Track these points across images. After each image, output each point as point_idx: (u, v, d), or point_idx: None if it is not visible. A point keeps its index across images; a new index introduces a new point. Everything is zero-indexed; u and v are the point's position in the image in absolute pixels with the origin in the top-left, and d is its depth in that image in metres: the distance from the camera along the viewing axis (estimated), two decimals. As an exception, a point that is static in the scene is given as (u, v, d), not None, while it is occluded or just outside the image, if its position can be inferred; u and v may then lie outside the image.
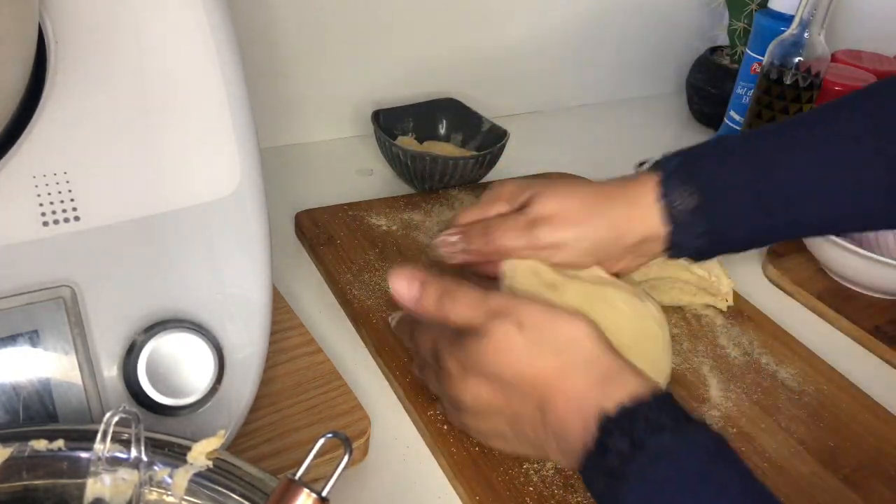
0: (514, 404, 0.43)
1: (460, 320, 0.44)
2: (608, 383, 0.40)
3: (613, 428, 0.37)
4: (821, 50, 0.73)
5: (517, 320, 0.42)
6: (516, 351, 0.41)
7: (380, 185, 0.82)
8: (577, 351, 0.41)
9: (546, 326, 0.42)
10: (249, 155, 0.44)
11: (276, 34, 0.81)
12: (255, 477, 0.35)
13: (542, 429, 0.42)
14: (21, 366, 0.38)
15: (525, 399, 0.42)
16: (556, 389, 0.41)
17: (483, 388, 0.44)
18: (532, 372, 0.41)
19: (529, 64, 1.00)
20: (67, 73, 0.38)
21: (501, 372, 0.42)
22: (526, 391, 0.42)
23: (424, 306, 0.45)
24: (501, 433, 0.45)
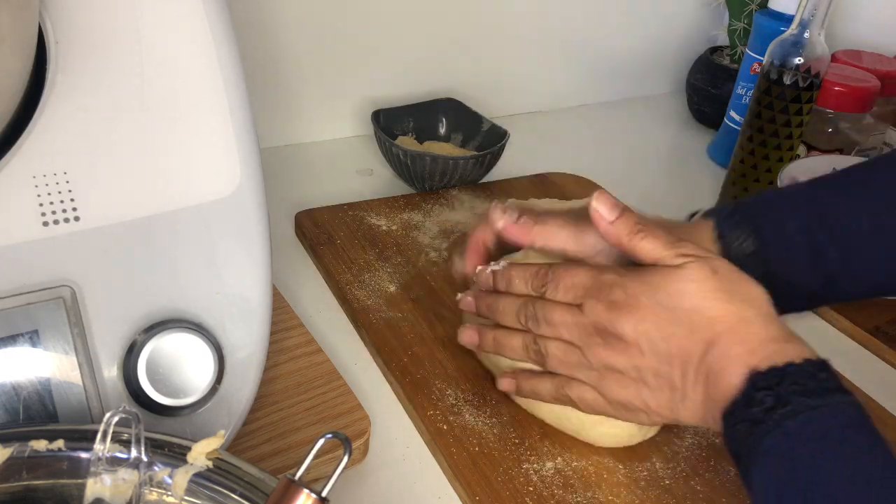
0: (677, 340, 0.43)
1: (651, 253, 0.45)
2: (782, 341, 0.41)
3: (762, 383, 0.39)
4: (821, 50, 0.73)
5: (712, 266, 0.44)
6: (706, 289, 0.43)
7: (380, 185, 0.82)
8: (760, 307, 0.43)
9: (737, 279, 0.44)
10: (249, 155, 0.44)
11: (276, 34, 0.81)
12: (255, 477, 0.35)
13: (693, 370, 0.43)
14: (21, 366, 0.38)
15: (693, 335, 0.43)
16: (735, 332, 0.42)
17: (651, 317, 0.44)
18: (716, 312, 0.42)
19: (529, 64, 1.00)
20: (67, 73, 0.38)
21: (681, 304, 0.43)
22: (699, 328, 0.43)
23: (618, 231, 0.46)
24: (640, 373, 0.45)
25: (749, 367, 0.40)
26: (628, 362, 0.45)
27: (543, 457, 0.51)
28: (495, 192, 0.79)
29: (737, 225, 0.50)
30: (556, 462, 0.51)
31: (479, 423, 0.53)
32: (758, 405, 0.39)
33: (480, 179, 0.81)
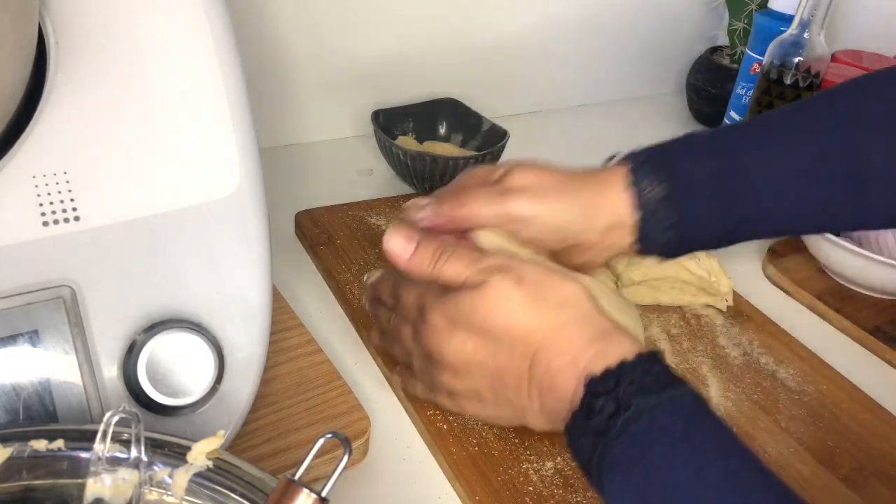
0: (501, 359, 0.43)
1: (455, 277, 0.44)
2: (601, 341, 0.41)
3: (600, 389, 0.39)
4: (821, 50, 0.73)
5: (516, 276, 0.43)
6: (514, 304, 0.42)
7: (380, 185, 0.82)
8: (574, 308, 0.42)
9: (545, 283, 0.43)
10: (249, 155, 0.44)
11: (276, 34, 0.81)
12: (255, 477, 0.35)
13: (526, 386, 0.42)
14: (21, 366, 0.38)
15: (514, 353, 0.42)
16: (551, 343, 0.41)
17: (469, 342, 0.43)
18: (528, 325, 0.42)
19: (529, 64, 1.00)
20: (67, 73, 0.38)
21: (494, 324, 0.42)
22: (517, 345, 0.42)
23: (419, 263, 0.46)
24: (478, 393, 0.45)
25: (580, 374, 0.40)
26: (463, 385, 0.46)
27: (543, 457, 0.51)
28: (495, 192, 0.79)
29: (650, 171, 0.50)
30: (556, 462, 0.51)
31: (479, 423, 0.53)
32: (599, 413, 0.38)
33: (480, 179, 0.80)
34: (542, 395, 0.42)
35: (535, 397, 0.43)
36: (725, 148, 0.51)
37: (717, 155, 0.51)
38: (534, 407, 0.43)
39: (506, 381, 0.43)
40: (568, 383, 0.40)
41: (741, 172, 0.50)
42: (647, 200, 0.50)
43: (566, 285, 0.43)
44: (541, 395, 0.42)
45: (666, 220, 0.50)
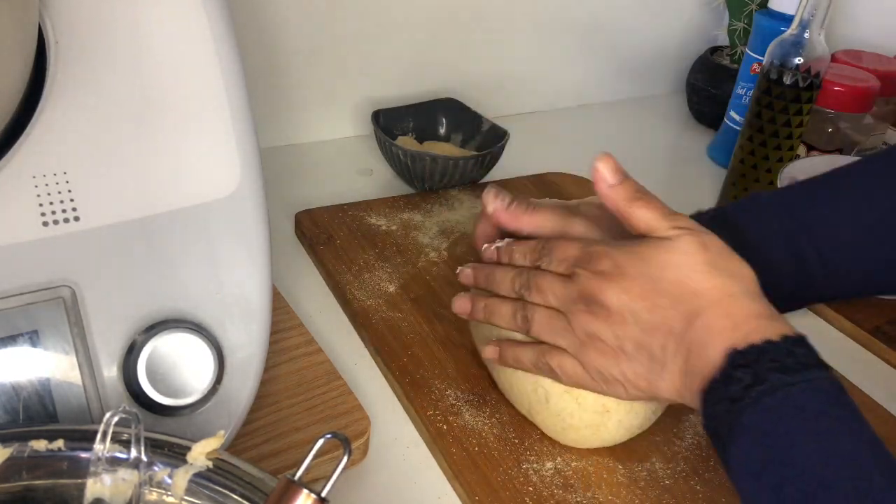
0: (659, 312, 0.44)
1: (646, 222, 0.45)
2: (762, 318, 0.42)
3: (740, 361, 0.40)
4: (821, 50, 0.73)
5: (703, 240, 0.44)
6: (695, 263, 0.43)
7: (380, 185, 0.82)
8: (745, 284, 0.43)
9: (725, 254, 0.44)
10: (249, 155, 0.44)
11: (276, 34, 0.81)
12: (255, 477, 0.36)
13: (674, 344, 0.43)
14: (21, 366, 0.38)
15: (676, 308, 0.43)
16: (718, 307, 0.42)
17: (636, 287, 0.44)
18: (701, 285, 0.43)
19: (529, 64, 1.00)
20: (67, 73, 0.38)
21: (668, 277, 0.43)
22: (683, 301, 0.43)
23: (616, 196, 0.46)
24: (620, 342, 0.45)
25: (729, 343, 0.41)
26: (610, 330, 0.45)
27: (543, 457, 0.51)
28: (495, 192, 0.79)
29: (715, 228, 0.49)
30: (556, 462, 0.51)
31: (479, 423, 0.53)
32: (736, 383, 0.39)
33: (480, 179, 0.81)
34: (689, 354, 0.43)
35: (680, 356, 0.43)
36: (790, 207, 0.52)
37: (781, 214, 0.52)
38: (676, 364, 0.43)
39: (657, 333, 0.44)
40: (720, 346, 0.41)
41: (806, 232, 0.51)
42: None
43: (743, 264, 0.44)
44: (688, 353, 0.43)
45: None
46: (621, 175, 0.47)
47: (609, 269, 0.45)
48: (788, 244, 0.51)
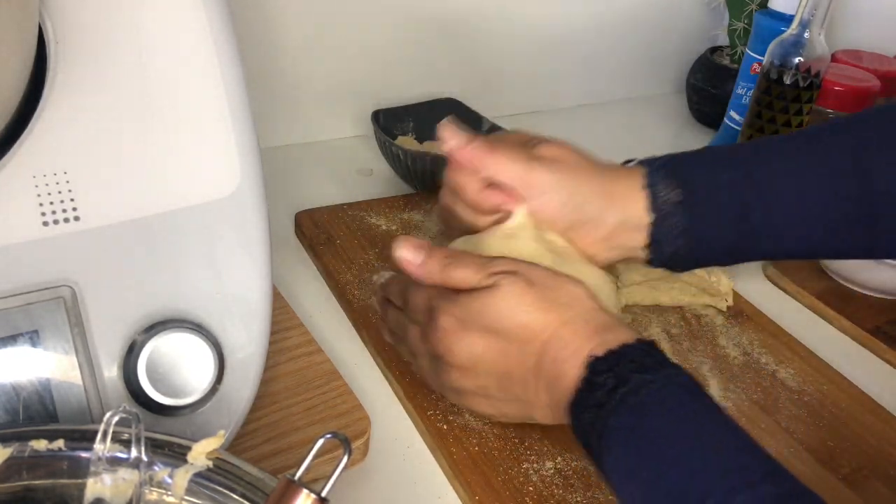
0: (510, 357, 0.45)
1: (465, 281, 0.46)
2: (604, 332, 0.43)
3: (601, 367, 0.41)
4: (821, 50, 0.73)
5: (526, 279, 0.45)
6: (525, 304, 0.44)
7: (380, 185, 0.82)
8: (578, 306, 0.44)
9: (552, 286, 0.45)
10: (249, 155, 0.44)
11: (276, 34, 0.81)
12: (255, 477, 0.35)
13: (534, 381, 0.44)
14: (21, 366, 0.38)
15: (523, 351, 0.44)
16: (559, 338, 0.43)
17: (480, 342, 0.45)
18: (538, 324, 0.44)
19: (529, 64, 1.00)
20: (67, 73, 0.38)
21: (505, 324, 0.44)
22: (527, 342, 0.44)
23: (429, 271, 0.47)
24: (485, 391, 0.47)
25: (587, 354, 0.42)
26: (471, 383, 0.47)
27: (543, 457, 0.51)
28: (495, 192, 0.79)
29: (666, 175, 0.51)
30: (556, 462, 0.51)
31: (479, 423, 0.53)
32: (600, 388, 0.40)
33: (480, 179, 0.80)
34: (549, 387, 0.44)
35: (542, 391, 0.44)
36: (740, 161, 0.52)
37: (731, 167, 0.52)
38: (541, 401, 0.45)
39: (514, 378, 0.45)
40: (573, 371, 0.42)
41: (754, 185, 0.51)
42: (662, 203, 0.51)
43: (571, 287, 0.45)
44: (548, 387, 0.44)
45: (678, 225, 0.51)
46: (423, 250, 0.48)
47: (451, 326, 0.46)
48: (735, 195, 0.51)
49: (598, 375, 0.41)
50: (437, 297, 0.47)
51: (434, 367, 0.48)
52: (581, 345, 0.42)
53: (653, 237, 0.51)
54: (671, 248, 0.52)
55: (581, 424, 0.41)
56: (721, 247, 0.52)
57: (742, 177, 0.51)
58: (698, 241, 0.51)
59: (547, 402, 0.44)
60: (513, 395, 0.46)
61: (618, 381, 0.40)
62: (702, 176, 0.52)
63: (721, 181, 0.51)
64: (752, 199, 0.51)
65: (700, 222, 0.51)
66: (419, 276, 0.48)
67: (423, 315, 0.48)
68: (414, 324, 0.49)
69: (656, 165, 0.52)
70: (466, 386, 0.47)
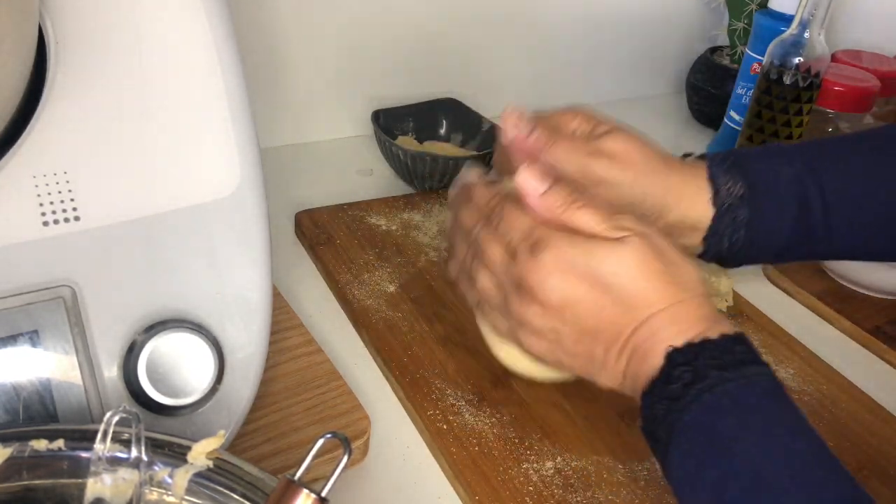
0: (607, 314, 0.42)
1: (588, 226, 0.43)
2: (707, 320, 0.41)
3: (679, 359, 0.40)
4: (821, 50, 0.73)
5: (656, 245, 0.42)
6: (650, 269, 0.41)
7: (380, 185, 0.82)
8: (694, 289, 0.42)
9: (678, 261, 0.43)
10: (249, 155, 0.44)
11: (275, 34, 0.81)
12: (255, 477, 0.35)
13: (619, 347, 0.42)
14: (21, 366, 0.38)
15: (625, 314, 0.42)
16: (666, 315, 0.41)
17: (582, 288, 0.42)
18: (653, 294, 0.41)
19: (529, 64, 1.00)
20: (67, 73, 0.38)
21: (622, 282, 0.41)
22: (634, 307, 0.42)
23: (552, 203, 0.43)
24: (558, 337, 0.44)
25: (670, 345, 0.40)
26: (547, 324, 0.43)
27: (543, 457, 0.51)
28: (495, 192, 0.79)
29: (728, 170, 0.51)
30: (556, 462, 0.51)
31: (479, 423, 0.53)
32: (676, 381, 0.39)
33: (480, 179, 0.80)
34: (633, 358, 0.42)
35: (624, 358, 0.42)
36: (803, 159, 0.52)
37: (795, 163, 0.52)
38: (618, 366, 0.43)
39: (600, 337, 0.42)
40: (661, 348, 0.41)
41: (817, 183, 0.51)
42: (725, 196, 0.51)
43: (693, 270, 0.43)
44: (632, 357, 0.42)
45: (740, 218, 0.50)
46: (550, 178, 0.44)
47: (556, 263, 0.42)
48: (796, 191, 0.51)
49: (675, 368, 0.39)
50: (547, 230, 0.43)
51: (510, 294, 0.44)
52: (684, 326, 0.41)
53: (711, 230, 0.51)
54: (729, 241, 0.51)
55: (651, 415, 0.40)
56: (779, 242, 0.52)
57: (804, 172, 0.51)
58: (758, 233, 0.51)
59: (623, 370, 0.42)
60: (586, 352, 0.43)
61: (695, 377, 0.39)
62: (764, 171, 0.51)
63: (785, 177, 0.51)
64: (812, 196, 0.51)
65: (763, 214, 0.50)
66: (538, 207, 0.43)
67: (519, 238, 0.44)
68: (497, 243, 0.45)
69: (718, 159, 0.52)
70: (541, 325, 0.43)
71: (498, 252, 0.45)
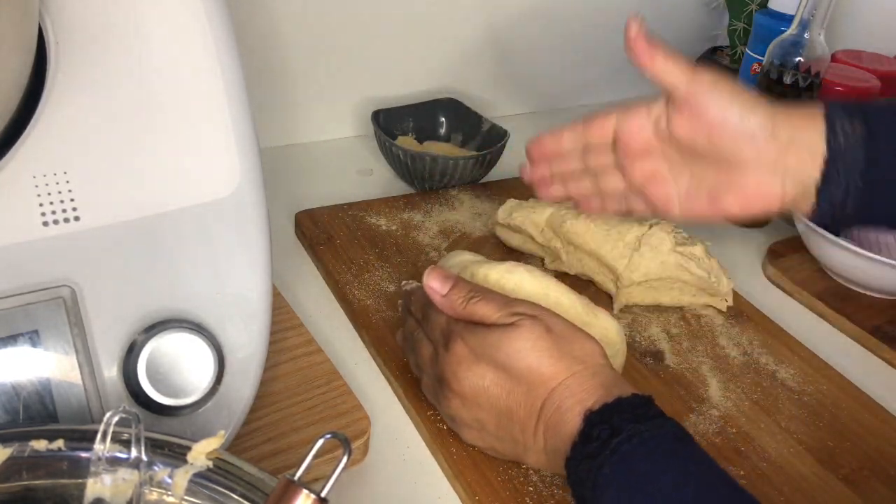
0: (515, 397, 0.45)
1: (486, 316, 0.47)
2: (607, 387, 0.44)
3: (596, 419, 0.42)
4: (821, 50, 0.73)
5: (546, 325, 0.46)
6: (540, 347, 0.45)
7: (380, 185, 0.82)
8: (590, 361, 0.45)
9: (569, 337, 0.46)
10: (249, 155, 0.44)
11: (276, 34, 0.81)
12: (255, 477, 0.35)
13: (534, 425, 0.45)
14: (21, 366, 0.38)
15: (530, 393, 0.45)
16: (566, 388, 0.44)
17: (489, 375, 0.46)
18: (549, 371, 0.45)
19: (529, 64, 1.00)
20: (67, 73, 0.38)
21: (518, 364, 0.45)
22: (535, 386, 0.45)
23: (453, 302, 0.48)
24: (481, 425, 0.47)
25: (585, 408, 0.43)
26: (469, 414, 0.47)
27: (543, 457, 0.51)
28: (495, 192, 0.79)
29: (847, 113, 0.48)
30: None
31: (479, 423, 0.53)
32: (595, 440, 0.41)
33: (480, 179, 0.81)
34: (547, 433, 0.44)
35: (540, 435, 0.45)
36: None
37: None
38: (538, 445, 0.45)
39: (515, 418, 0.46)
40: (574, 420, 0.43)
41: None
42: (842, 133, 0.47)
43: (586, 342, 0.46)
44: (546, 433, 0.44)
45: (857, 163, 0.47)
46: (450, 281, 0.49)
47: (464, 354, 0.46)
48: None
49: (593, 428, 0.42)
50: (455, 324, 0.48)
51: (437, 390, 0.49)
52: (584, 397, 0.43)
53: (827, 174, 0.48)
54: (845, 191, 0.48)
55: (577, 477, 0.42)
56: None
57: None
58: (878, 185, 0.47)
59: (543, 447, 0.45)
60: (508, 435, 0.47)
61: (612, 432, 0.41)
62: (887, 116, 0.48)
63: None
64: None
65: (882, 157, 0.47)
66: (443, 305, 0.49)
67: (439, 336, 0.49)
68: (428, 341, 0.50)
69: (837, 103, 0.49)
70: (463, 416, 0.48)
71: (425, 348, 0.50)
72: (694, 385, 0.59)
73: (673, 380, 0.59)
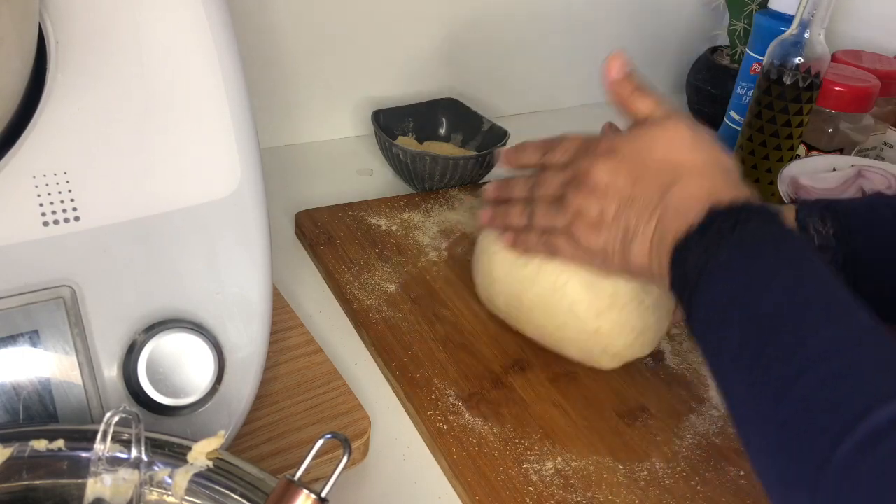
0: (642, 182, 0.47)
1: (644, 109, 0.51)
2: (737, 188, 0.45)
3: (722, 213, 0.43)
4: (821, 50, 0.73)
5: (693, 126, 0.49)
6: (681, 140, 0.48)
7: (380, 185, 0.82)
8: (724, 162, 0.48)
9: (714, 146, 0.48)
10: (249, 155, 0.44)
11: (276, 34, 0.81)
12: (255, 477, 0.36)
13: (650, 209, 0.47)
14: (21, 366, 0.38)
15: (658, 178, 0.47)
16: (699, 175, 0.46)
17: (624, 166, 0.48)
18: (682, 158, 0.47)
19: (529, 64, 1.00)
20: (67, 73, 0.38)
21: (654, 152, 0.48)
22: (664, 171, 0.47)
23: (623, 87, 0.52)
24: (602, 216, 0.49)
25: (710, 204, 0.44)
26: (595, 204, 0.49)
27: (543, 457, 0.51)
28: (495, 192, 0.79)
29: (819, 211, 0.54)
30: (556, 462, 0.51)
31: (479, 423, 0.53)
32: (715, 231, 0.42)
33: (480, 179, 0.81)
34: (663, 216, 0.46)
35: (653, 221, 0.46)
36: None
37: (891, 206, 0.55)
38: (647, 231, 0.47)
39: (633, 206, 0.48)
40: (697, 206, 0.44)
41: None
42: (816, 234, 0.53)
43: (728, 157, 0.48)
44: (662, 217, 0.46)
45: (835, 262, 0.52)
46: (626, 70, 0.52)
47: (604, 150, 0.50)
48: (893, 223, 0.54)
49: (716, 218, 0.42)
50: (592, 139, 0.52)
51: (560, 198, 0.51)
52: (714, 189, 0.44)
53: None
54: None
55: (683, 266, 0.43)
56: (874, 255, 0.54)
57: None
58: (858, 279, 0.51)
59: (652, 233, 0.46)
60: (624, 224, 0.48)
61: (735, 222, 0.42)
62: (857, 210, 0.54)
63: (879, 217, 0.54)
64: None
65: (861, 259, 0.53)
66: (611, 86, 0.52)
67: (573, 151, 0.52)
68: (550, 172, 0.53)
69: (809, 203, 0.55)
70: (589, 206, 0.49)
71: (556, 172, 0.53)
72: (694, 385, 0.59)
73: (673, 380, 0.59)
